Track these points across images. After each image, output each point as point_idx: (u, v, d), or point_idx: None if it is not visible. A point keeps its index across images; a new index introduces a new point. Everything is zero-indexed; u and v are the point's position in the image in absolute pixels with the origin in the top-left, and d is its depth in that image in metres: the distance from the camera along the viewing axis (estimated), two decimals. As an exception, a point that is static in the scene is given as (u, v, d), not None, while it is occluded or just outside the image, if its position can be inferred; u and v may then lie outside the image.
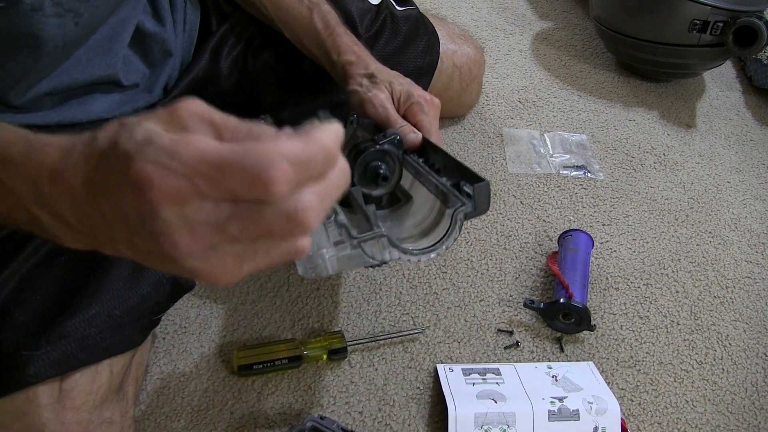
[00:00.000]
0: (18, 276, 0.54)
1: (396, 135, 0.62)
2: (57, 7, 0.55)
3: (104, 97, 0.69)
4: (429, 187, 0.60)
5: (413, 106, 0.68)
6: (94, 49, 0.64)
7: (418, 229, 0.58)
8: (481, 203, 0.55)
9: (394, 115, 0.66)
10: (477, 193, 0.55)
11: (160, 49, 0.72)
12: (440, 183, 0.57)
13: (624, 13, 1.12)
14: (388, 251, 0.52)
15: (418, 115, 0.67)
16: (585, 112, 1.12)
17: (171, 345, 0.71)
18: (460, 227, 0.53)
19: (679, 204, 0.96)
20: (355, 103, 0.70)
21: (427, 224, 0.58)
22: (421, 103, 0.68)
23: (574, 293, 0.74)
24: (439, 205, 0.58)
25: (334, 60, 0.72)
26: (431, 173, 0.60)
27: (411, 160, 0.63)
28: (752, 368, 0.75)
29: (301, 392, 0.68)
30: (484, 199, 0.55)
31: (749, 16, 1.00)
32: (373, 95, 0.67)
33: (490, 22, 1.33)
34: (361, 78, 0.70)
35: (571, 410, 0.64)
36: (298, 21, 0.74)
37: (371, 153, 0.61)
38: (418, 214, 0.60)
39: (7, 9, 0.52)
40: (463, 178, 0.57)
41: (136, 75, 0.71)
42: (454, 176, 0.59)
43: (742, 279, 0.86)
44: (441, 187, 0.57)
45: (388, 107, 0.67)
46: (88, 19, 0.60)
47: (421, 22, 0.90)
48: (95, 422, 0.54)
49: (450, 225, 0.54)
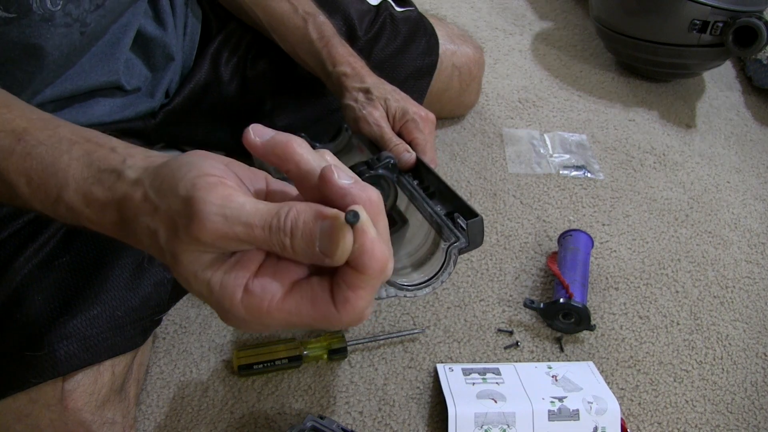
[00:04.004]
0: (20, 277, 0.54)
1: (390, 159, 0.62)
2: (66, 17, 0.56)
3: (106, 101, 0.69)
4: (424, 213, 0.60)
5: (408, 124, 0.67)
6: (97, 55, 0.64)
7: (411, 259, 0.58)
8: (474, 238, 0.55)
9: (388, 134, 0.66)
10: (471, 229, 0.55)
11: (162, 53, 0.72)
12: (434, 213, 0.57)
13: (624, 13, 1.12)
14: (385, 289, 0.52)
15: (413, 132, 0.67)
16: (585, 112, 1.12)
17: (171, 345, 0.71)
18: (454, 262, 0.53)
19: (679, 204, 0.96)
20: (350, 118, 0.69)
21: (422, 254, 0.58)
22: (416, 120, 0.67)
23: (574, 293, 0.74)
24: (433, 235, 0.58)
25: (329, 71, 0.71)
26: (426, 200, 0.60)
27: (406, 182, 0.63)
28: (752, 368, 0.75)
29: (301, 392, 0.68)
30: (477, 234, 0.56)
31: (749, 16, 1.00)
32: (368, 113, 0.67)
33: (490, 22, 1.33)
34: (357, 92, 0.69)
35: (571, 410, 0.64)
36: (292, 31, 0.74)
37: (366, 179, 0.61)
38: (413, 240, 0.60)
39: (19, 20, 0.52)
40: (457, 209, 0.57)
41: (138, 79, 0.71)
42: (447, 204, 0.59)
43: (742, 279, 0.86)
44: (435, 218, 0.57)
45: (382, 125, 0.66)
46: (94, 27, 0.60)
47: (420, 23, 0.90)
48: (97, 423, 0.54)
49: (444, 260, 0.54)
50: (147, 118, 0.73)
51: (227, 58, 0.79)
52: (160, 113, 0.74)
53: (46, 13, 0.53)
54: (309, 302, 0.31)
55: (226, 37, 0.80)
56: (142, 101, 0.72)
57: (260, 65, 0.81)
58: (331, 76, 0.72)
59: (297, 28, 0.73)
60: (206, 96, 0.78)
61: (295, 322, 0.32)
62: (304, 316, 0.32)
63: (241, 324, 0.33)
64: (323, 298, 0.31)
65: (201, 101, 0.77)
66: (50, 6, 0.53)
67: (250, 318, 0.31)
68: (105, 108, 0.69)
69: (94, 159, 0.36)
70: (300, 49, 0.74)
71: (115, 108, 0.69)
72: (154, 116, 0.74)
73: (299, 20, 0.73)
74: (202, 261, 0.31)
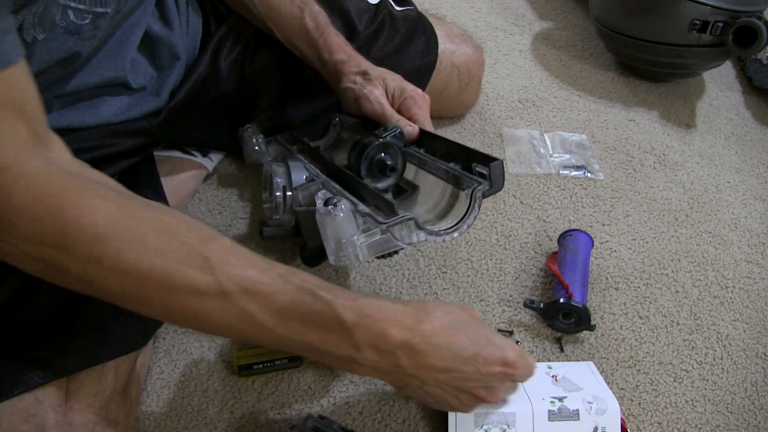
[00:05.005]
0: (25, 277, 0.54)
1: (397, 128, 0.65)
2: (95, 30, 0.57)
3: (113, 99, 0.69)
4: (437, 173, 0.62)
5: (407, 101, 0.69)
6: (105, 52, 0.64)
7: (432, 213, 0.60)
8: (496, 181, 0.58)
9: (389, 110, 0.68)
10: (493, 172, 0.57)
11: (168, 52, 0.73)
12: (450, 168, 0.60)
13: (624, 13, 1.12)
14: (416, 233, 0.54)
15: (413, 108, 0.69)
16: (585, 112, 1.12)
17: (171, 345, 0.71)
18: (479, 205, 0.56)
19: (679, 204, 0.96)
20: (349, 99, 0.70)
21: (442, 207, 0.60)
22: (414, 97, 0.69)
23: (574, 293, 0.74)
24: (451, 189, 0.60)
25: (325, 59, 0.73)
26: (437, 160, 0.62)
27: (412, 151, 0.65)
28: (752, 368, 0.75)
29: (301, 392, 0.68)
30: (499, 177, 0.58)
31: (749, 16, 1.00)
32: (368, 91, 0.69)
33: (490, 22, 1.33)
34: (355, 75, 0.71)
35: (571, 410, 0.64)
36: (288, 20, 0.75)
37: (375, 146, 0.63)
38: (428, 200, 0.62)
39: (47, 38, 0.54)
40: (473, 160, 0.59)
41: (143, 78, 0.71)
42: (460, 160, 0.62)
43: (742, 279, 0.86)
44: (452, 172, 0.59)
45: (383, 102, 0.68)
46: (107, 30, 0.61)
47: (419, 22, 0.90)
48: (101, 423, 0.54)
49: (469, 204, 0.56)
50: (151, 117, 0.73)
51: (228, 52, 0.79)
52: (163, 111, 0.74)
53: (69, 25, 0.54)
54: None
55: (225, 34, 0.80)
56: (147, 100, 0.72)
57: (259, 61, 0.81)
58: (327, 64, 0.73)
59: (293, 17, 0.74)
60: (205, 92, 0.78)
61: None
62: None
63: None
64: None
65: (200, 97, 0.78)
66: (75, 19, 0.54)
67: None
68: (112, 108, 0.69)
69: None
70: (296, 38, 0.75)
71: (122, 108, 0.70)
72: (157, 114, 0.74)
73: (296, 9, 0.74)
74: None
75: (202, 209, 0.86)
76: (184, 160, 0.85)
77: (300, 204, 0.65)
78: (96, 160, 0.68)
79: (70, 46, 0.56)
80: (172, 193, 0.78)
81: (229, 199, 0.88)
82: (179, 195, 0.82)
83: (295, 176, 0.67)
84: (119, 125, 0.70)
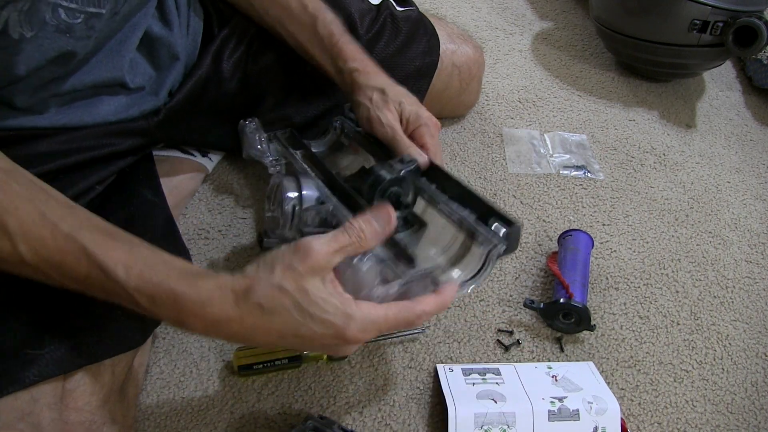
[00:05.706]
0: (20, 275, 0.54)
1: (414, 162, 0.63)
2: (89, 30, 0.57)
3: (110, 99, 0.69)
4: (451, 216, 0.60)
5: (421, 128, 0.68)
6: (103, 52, 0.64)
7: (444, 258, 0.58)
8: (512, 244, 0.56)
9: (401, 136, 0.67)
10: (511, 236, 0.55)
11: (167, 53, 0.72)
12: (464, 217, 0.58)
13: (624, 13, 1.12)
14: (432, 288, 0.53)
15: (425, 137, 0.67)
16: (585, 112, 1.12)
17: (171, 345, 0.71)
18: (492, 266, 0.55)
19: (679, 204, 0.96)
20: (362, 116, 0.69)
21: (453, 254, 0.58)
22: (429, 125, 0.68)
23: (574, 293, 0.74)
24: (463, 238, 0.58)
25: (340, 67, 0.72)
26: (450, 202, 0.60)
27: (425, 187, 0.63)
28: (752, 368, 0.75)
29: (301, 392, 0.68)
30: (514, 241, 0.56)
31: (749, 16, 1.00)
32: (383, 115, 0.67)
33: (490, 22, 1.33)
34: (371, 91, 0.69)
35: (571, 410, 0.64)
36: (302, 27, 0.74)
37: (390, 181, 0.61)
38: (438, 241, 0.60)
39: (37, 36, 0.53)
40: (490, 215, 0.57)
41: (142, 77, 0.71)
42: (475, 210, 0.59)
43: (742, 279, 0.86)
44: (466, 223, 0.57)
45: (396, 128, 0.67)
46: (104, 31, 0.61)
47: (421, 23, 0.90)
48: (98, 423, 0.54)
49: (484, 264, 0.55)
50: (150, 117, 0.73)
51: (231, 52, 0.79)
52: (162, 111, 0.74)
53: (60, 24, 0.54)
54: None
55: (228, 35, 0.80)
56: (146, 100, 0.72)
57: (262, 61, 0.81)
58: (342, 72, 0.72)
59: (307, 24, 0.74)
60: (206, 92, 0.78)
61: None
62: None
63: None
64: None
65: (201, 98, 0.78)
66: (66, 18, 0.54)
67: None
68: (110, 107, 0.69)
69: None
70: (310, 45, 0.74)
71: (120, 107, 0.70)
72: (156, 114, 0.74)
73: (309, 17, 0.74)
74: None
75: (202, 209, 0.86)
76: (183, 160, 0.84)
77: (308, 224, 0.64)
78: (95, 159, 0.68)
79: (62, 45, 0.56)
80: (172, 193, 0.78)
81: (229, 199, 0.88)
82: (179, 195, 0.82)
83: (306, 193, 0.64)
84: (117, 125, 0.69)
